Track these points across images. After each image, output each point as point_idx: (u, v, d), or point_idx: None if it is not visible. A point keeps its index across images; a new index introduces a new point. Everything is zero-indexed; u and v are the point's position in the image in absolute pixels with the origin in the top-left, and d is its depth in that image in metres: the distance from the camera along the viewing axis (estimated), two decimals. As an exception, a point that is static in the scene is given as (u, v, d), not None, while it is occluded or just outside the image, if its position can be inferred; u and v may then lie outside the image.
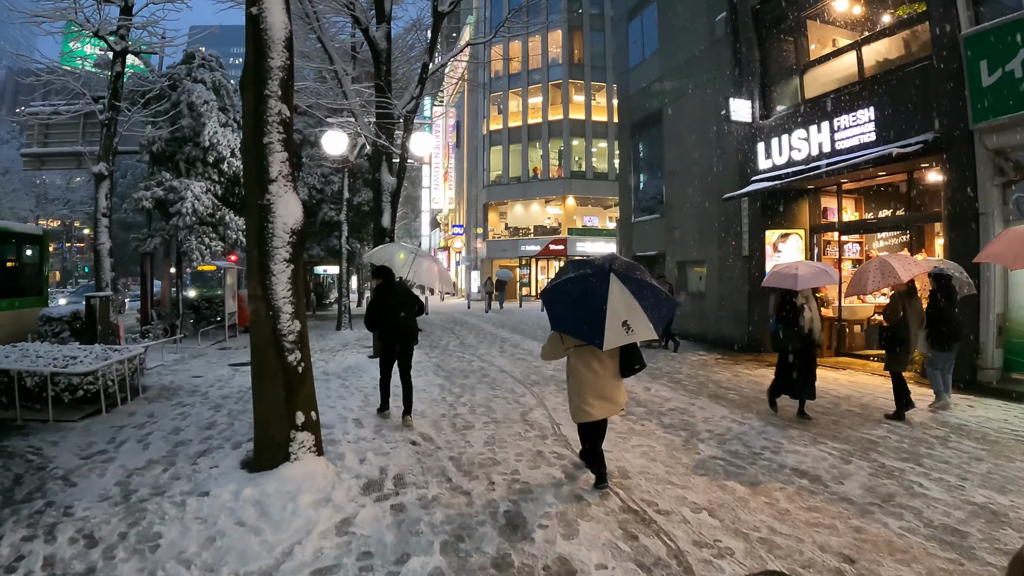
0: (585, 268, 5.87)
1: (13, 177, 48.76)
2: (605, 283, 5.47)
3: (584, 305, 5.49)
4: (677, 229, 20.79)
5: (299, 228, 6.17)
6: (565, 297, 5.74)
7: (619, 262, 5.82)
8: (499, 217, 51.43)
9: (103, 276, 16.41)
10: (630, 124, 24.92)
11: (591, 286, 5.55)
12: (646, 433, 8.21)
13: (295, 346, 6.06)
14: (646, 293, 5.52)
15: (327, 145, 16.54)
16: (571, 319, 5.64)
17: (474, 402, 10.06)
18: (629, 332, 5.25)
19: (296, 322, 6.07)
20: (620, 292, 5.42)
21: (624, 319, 5.27)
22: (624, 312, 5.31)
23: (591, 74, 48.29)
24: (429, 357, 15.39)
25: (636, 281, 5.59)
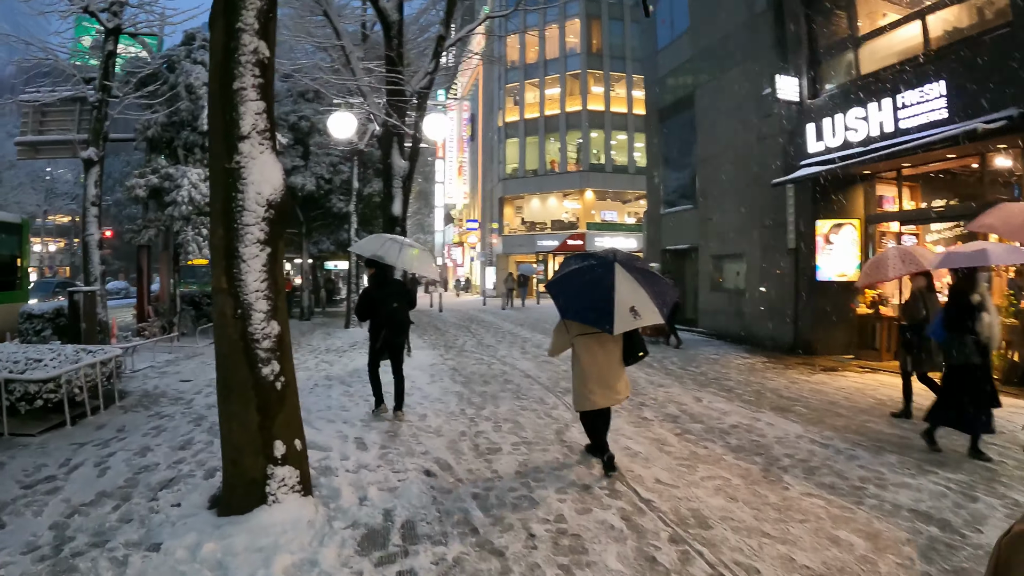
0: (590, 259, 6.15)
1: (19, 171, 47.68)
2: (611, 272, 5.68)
3: (592, 293, 5.67)
4: (712, 220, 19.23)
5: (278, 200, 4.70)
6: (572, 287, 5.96)
7: (621, 254, 6.08)
8: (515, 212, 49.91)
9: (92, 269, 15.06)
10: (657, 110, 23.37)
11: (597, 275, 5.75)
12: (713, 459, 6.69)
13: (271, 355, 4.60)
14: (650, 280, 5.81)
15: (333, 128, 15.11)
16: (579, 307, 5.82)
17: (498, 416, 8.55)
18: (637, 317, 5.48)
19: (273, 323, 4.61)
20: (626, 280, 5.65)
21: (632, 305, 5.50)
22: (631, 298, 5.54)
23: (610, 64, 46.71)
24: (445, 359, 13.92)
25: (639, 270, 5.87)
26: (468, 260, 62.52)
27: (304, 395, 9.85)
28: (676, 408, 9.07)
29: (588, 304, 5.71)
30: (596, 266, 5.90)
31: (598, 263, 5.93)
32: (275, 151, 4.80)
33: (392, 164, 13.39)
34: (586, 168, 45.54)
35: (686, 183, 21.45)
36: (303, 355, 14.70)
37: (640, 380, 11.29)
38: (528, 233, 47.41)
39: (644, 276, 5.83)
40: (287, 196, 4.78)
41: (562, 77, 47.10)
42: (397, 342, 8.45)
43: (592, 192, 45.95)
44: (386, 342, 8.36)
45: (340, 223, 25.25)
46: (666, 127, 22.97)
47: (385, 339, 8.33)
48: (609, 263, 5.81)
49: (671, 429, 7.88)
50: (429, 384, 10.78)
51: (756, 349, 15.72)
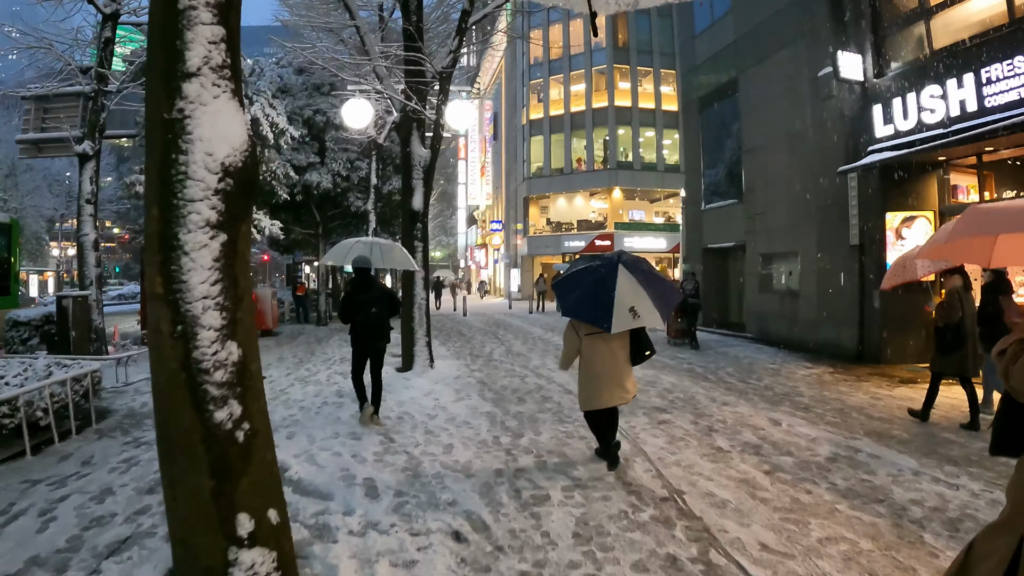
0: (595, 260, 6.25)
1: (36, 174, 46.87)
2: (614, 273, 5.79)
3: (594, 292, 5.79)
4: (761, 215, 17.62)
5: (239, 165, 3.22)
6: (576, 286, 6.04)
7: (627, 256, 6.16)
8: (540, 212, 48.28)
9: (87, 272, 13.82)
10: (697, 98, 21.77)
11: (601, 275, 5.87)
12: (824, 510, 5.14)
13: (227, 392, 3.12)
14: (653, 283, 5.89)
15: (348, 117, 13.70)
16: (581, 305, 5.92)
17: (540, 446, 7.03)
18: (636, 318, 5.62)
19: (229, 346, 3.13)
20: (628, 281, 5.76)
21: (631, 305, 5.63)
22: (631, 299, 5.66)
23: (637, 59, 45.01)
24: (471, 371, 12.44)
25: (644, 272, 5.95)
26: (492, 262, 61.04)
27: (309, 416, 8.45)
28: (753, 434, 7.52)
29: (590, 303, 5.81)
30: (601, 266, 6.01)
31: (603, 264, 6.04)
32: (239, 99, 3.33)
33: (412, 153, 11.94)
34: (613, 166, 43.86)
35: (730, 176, 19.85)
36: (315, 365, 13.31)
37: (699, 396, 9.76)
38: (554, 234, 45.79)
39: (647, 279, 5.91)
40: (252, 160, 3.29)
41: (588, 72, 45.48)
42: (375, 347, 8.19)
43: (620, 191, 44.28)
44: (363, 346, 8.13)
45: (358, 223, 23.90)
46: (706, 117, 21.37)
47: (362, 343, 8.11)
48: (613, 264, 5.92)
49: (756, 464, 6.33)
50: (455, 402, 9.30)
51: (816, 357, 14.09)
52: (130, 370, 12.49)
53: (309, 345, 17.29)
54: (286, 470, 6.06)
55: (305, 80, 23.45)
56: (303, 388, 10.64)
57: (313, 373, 12.26)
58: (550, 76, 47.07)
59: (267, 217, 17.06)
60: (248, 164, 3.25)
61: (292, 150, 21.69)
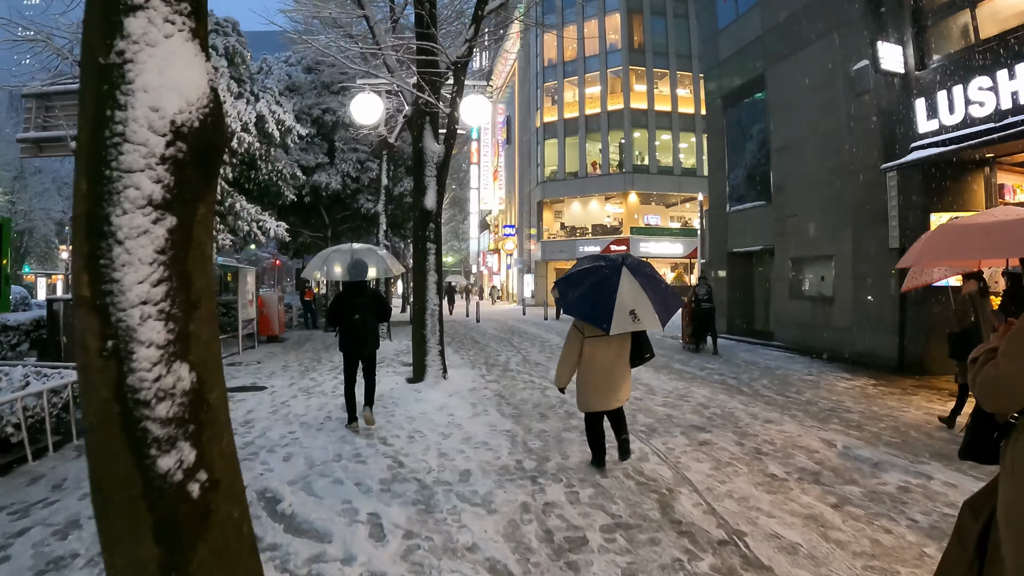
0: (599, 261, 6.25)
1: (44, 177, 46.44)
2: (617, 274, 5.82)
3: (596, 293, 5.79)
4: (791, 218, 16.74)
5: (197, 125, 2.40)
6: (578, 286, 6.01)
7: (631, 258, 6.17)
8: (554, 216, 47.48)
9: (81, 276, 13.09)
10: (720, 96, 20.91)
11: (603, 276, 5.88)
12: (915, 556, 4.24)
13: (177, 432, 2.29)
14: (655, 287, 5.90)
15: (356, 112, 12.92)
16: (582, 305, 5.85)
17: (571, 473, 6.15)
18: (636, 321, 5.62)
19: (179, 368, 2.30)
20: (630, 284, 5.76)
21: (632, 308, 5.62)
22: (632, 302, 5.65)
23: (652, 60, 44.24)
24: (487, 382, 11.63)
25: (646, 276, 5.97)
26: (504, 267, 60.25)
27: (311, 434, 7.65)
28: (807, 458, 6.66)
29: (591, 303, 5.78)
30: (604, 267, 6.01)
31: (607, 265, 6.05)
32: (201, 42, 2.52)
33: (424, 149, 11.15)
34: (629, 170, 43.06)
35: (757, 176, 18.98)
36: (321, 374, 12.54)
37: (738, 412, 8.90)
38: (568, 239, 44.98)
39: (650, 282, 5.92)
40: (215, 119, 2.47)
41: (602, 74, 44.73)
42: (362, 352, 8.05)
43: (636, 194, 43.44)
44: (351, 352, 8.02)
45: (369, 225, 23.18)
46: (731, 115, 20.51)
47: (350, 348, 7.99)
48: (617, 266, 5.95)
49: (820, 496, 5.47)
50: (471, 419, 8.47)
51: (854, 368, 13.20)
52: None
53: (316, 352, 16.53)
54: (279, 501, 5.27)
55: (314, 79, 22.76)
56: (306, 400, 9.85)
57: (318, 383, 11.48)
58: (564, 78, 46.43)
59: (272, 218, 16.29)
60: (208, 124, 2.44)
61: (300, 150, 21.00)
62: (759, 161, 18.87)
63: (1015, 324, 2.50)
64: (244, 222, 15.42)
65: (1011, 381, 2.46)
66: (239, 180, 16.36)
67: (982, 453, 2.82)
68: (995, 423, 2.73)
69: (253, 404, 9.61)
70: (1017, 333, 2.46)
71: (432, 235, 11.02)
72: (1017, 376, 2.44)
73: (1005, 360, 2.49)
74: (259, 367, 13.87)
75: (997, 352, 2.54)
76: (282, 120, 16.41)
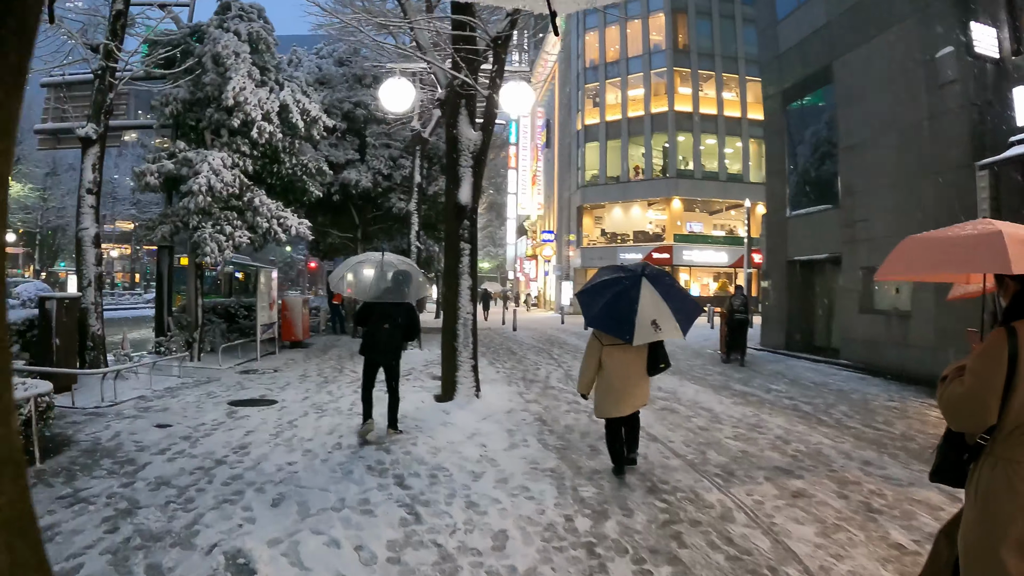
0: (619, 272, 6.39)
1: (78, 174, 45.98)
2: (638, 285, 5.91)
3: (617, 304, 5.87)
4: (862, 222, 15.12)
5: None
6: (600, 298, 6.08)
7: (650, 268, 6.28)
8: (594, 222, 45.86)
9: (85, 271, 12.06)
10: (780, 91, 19.32)
11: (624, 288, 5.97)
12: None
13: None
14: (674, 297, 6.02)
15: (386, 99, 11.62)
16: (604, 316, 5.98)
17: (636, 538, 4.68)
18: (658, 331, 5.72)
19: None
20: (651, 294, 5.86)
21: (653, 318, 5.72)
22: (653, 312, 5.76)
23: (698, 62, 42.57)
24: (526, 401, 10.23)
25: (666, 285, 6.09)
26: (542, 274, 58.84)
27: (313, 467, 6.34)
28: (931, 517, 5.16)
29: (613, 314, 5.90)
30: (624, 279, 6.12)
31: (627, 276, 6.15)
32: None
33: (459, 136, 9.84)
34: (673, 174, 41.38)
35: (822, 177, 17.37)
36: (341, 387, 11.28)
37: (826, 450, 7.39)
38: (608, 245, 43.38)
39: (670, 292, 6.02)
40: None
41: (646, 76, 43.16)
42: (382, 361, 7.76)
43: (680, 200, 41.78)
44: (373, 359, 7.75)
45: (400, 226, 21.89)
46: (792, 112, 18.95)
47: (370, 354, 7.74)
48: (637, 277, 6.03)
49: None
50: (508, 451, 7.09)
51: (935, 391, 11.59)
52: (121, 386, 10.62)
53: (340, 360, 15.31)
54: (252, 574, 3.95)
55: (345, 71, 21.63)
56: (317, 420, 8.56)
57: (335, 398, 10.20)
58: (606, 79, 44.99)
59: (295, 215, 15.08)
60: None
61: (330, 146, 19.86)
62: (824, 161, 17.28)
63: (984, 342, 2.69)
64: (263, 218, 14.20)
65: (975, 399, 2.63)
66: (260, 174, 15.19)
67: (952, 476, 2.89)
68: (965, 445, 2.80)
69: (256, 422, 8.37)
70: (985, 351, 2.65)
71: (467, 233, 9.69)
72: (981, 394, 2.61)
73: (971, 377, 2.66)
74: (275, 376, 12.67)
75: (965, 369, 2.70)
76: (307, 110, 15.22)
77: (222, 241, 13.44)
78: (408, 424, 8.23)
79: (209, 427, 8.12)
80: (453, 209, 9.73)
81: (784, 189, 18.88)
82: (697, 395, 11.10)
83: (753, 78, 43.20)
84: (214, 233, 13.38)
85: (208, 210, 13.44)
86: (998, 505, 2.60)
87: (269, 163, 15.30)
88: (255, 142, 14.40)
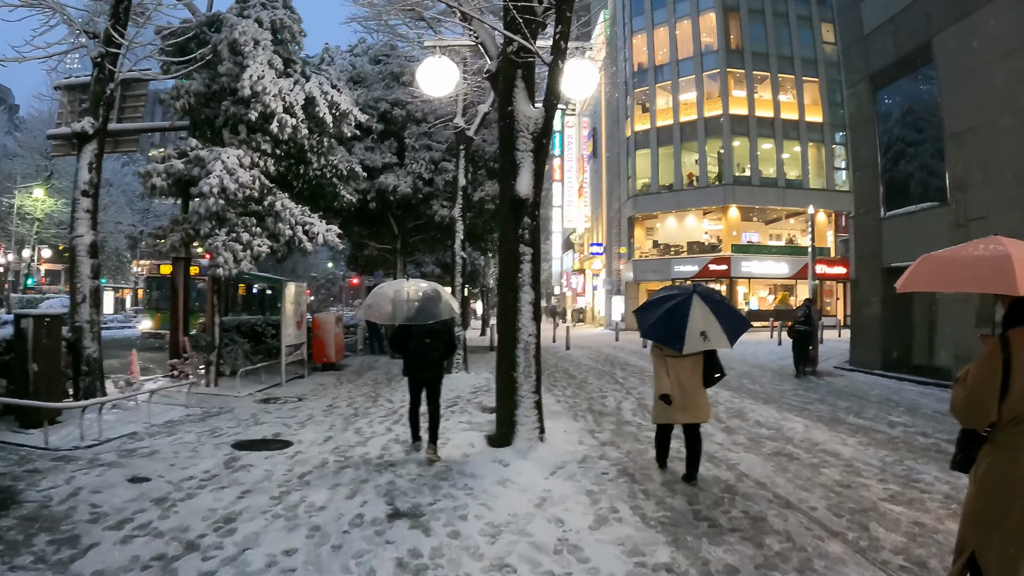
0: (673, 290, 6.78)
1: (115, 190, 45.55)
2: (689, 300, 6.27)
3: (670, 317, 6.29)
4: (978, 220, 12.83)
5: None
6: (655, 312, 6.49)
7: (701, 287, 6.67)
8: (646, 233, 43.47)
9: (80, 285, 10.36)
10: (868, 76, 17.08)
11: (678, 303, 6.34)
12: None
13: None
14: (723, 311, 6.39)
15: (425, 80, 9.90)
16: (658, 328, 6.41)
17: None
18: (706, 341, 6.11)
19: None
20: (701, 308, 6.21)
21: (703, 330, 6.10)
22: (703, 324, 6.12)
23: (752, 62, 40.23)
24: (599, 442, 8.21)
25: (715, 301, 6.47)
26: (590, 289, 56.64)
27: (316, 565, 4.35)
28: None
29: (665, 326, 6.31)
30: (678, 295, 6.49)
31: (680, 293, 6.54)
32: None
33: (516, 113, 7.91)
34: (729, 181, 38.96)
35: (925, 171, 15.11)
36: (372, 422, 9.46)
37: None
38: (661, 257, 40.98)
39: (719, 307, 6.37)
40: None
41: (698, 79, 40.88)
42: (425, 376, 7.61)
43: (737, 208, 39.36)
44: (415, 377, 7.66)
45: (444, 236, 20.03)
46: (883, 98, 16.70)
47: (413, 373, 7.65)
48: (689, 294, 6.40)
49: None
50: (594, 531, 5.03)
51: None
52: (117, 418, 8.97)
53: (375, 386, 13.49)
54: None
55: (381, 69, 19.94)
56: (338, 474, 6.65)
57: (363, 438, 8.33)
58: (656, 83, 42.78)
59: (323, 221, 13.31)
60: None
61: (366, 149, 18.15)
62: (927, 152, 15.02)
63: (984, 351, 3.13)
64: (286, 225, 12.43)
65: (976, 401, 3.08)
66: (284, 176, 13.48)
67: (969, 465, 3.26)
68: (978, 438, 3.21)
69: (258, 476, 6.52)
70: (983, 359, 3.09)
71: (527, 234, 7.77)
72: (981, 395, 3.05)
73: (972, 381, 3.10)
74: (297, 407, 10.88)
75: None
76: (336, 103, 13.49)
77: (238, 250, 11.71)
78: (455, 477, 6.35)
79: (197, 483, 6.29)
80: (510, 204, 7.80)
81: (876, 187, 16.56)
82: (808, 432, 8.96)
83: (810, 78, 40.95)
84: (229, 241, 11.66)
85: (222, 215, 11.73)
86: (993, 483, 3.09)
87: (295, 164, 13.60)
88: (277, 139, 12.73)
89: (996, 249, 3.24)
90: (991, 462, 3.08)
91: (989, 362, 3.01)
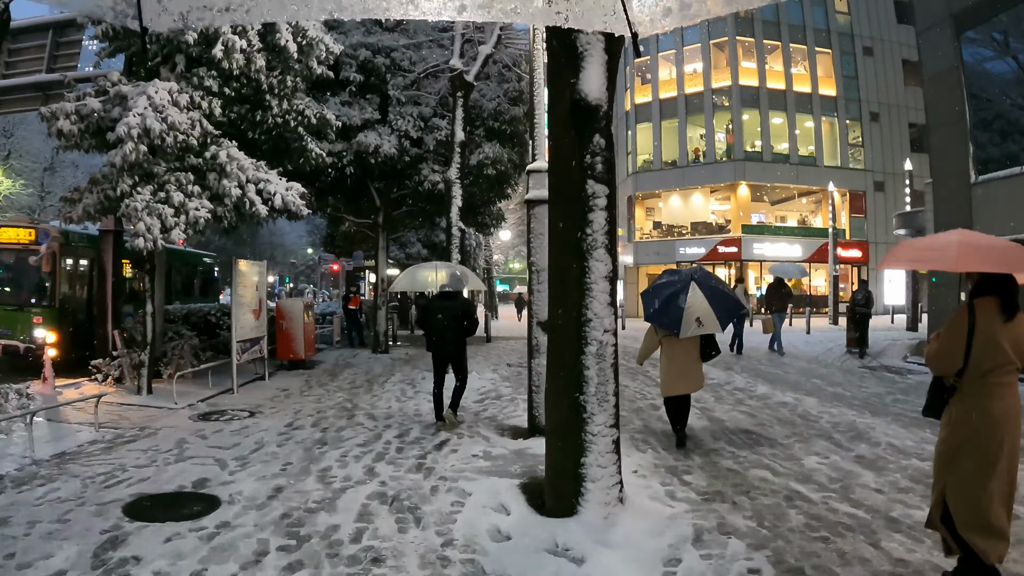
0: (672, 276, 7.68)
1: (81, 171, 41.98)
2: (687, 288, 6.92)
3: (669, 303, 6.93)
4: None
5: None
6: (657, 298, 7.10)
7: (700, 272, 7.38)
8: (646, 214, 40.69)
9: None
10: (950, 16, 14.17)
11: (677, 290, 6.99)
12: None
13: None
14: (717, 297, 7.01)
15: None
16: (659, 313, 7.04)
17: None
18: (700, 326, 6.77)
19: None
20: (697, 295, 6.85)
21: (697, 316, 6.75)
22: (698, 311, 6.77)
23: (762, 30, 37.37)
24: (702, 497, 5.36)
25: (711, 287, 7.09)
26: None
27: None
28: None
29: (665, 311, 6.94)
30: (677, 282, 7.17)
31: (679, 279, 7.23)
32: None
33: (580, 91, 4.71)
34: (740, 157, 36.11)
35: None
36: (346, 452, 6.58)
37: None
38: (664, 239, 38.16)
39: (714, 293, 7.00)
40: None
41: (704, 47, 37.91)
42: (444, 352, 8.07)
43: (747, 186, 36.51)
44: (437, 353, 8.08)
45: (434, 210, 17.03)
46: (970, 43, 13.84)
47: (435, 350, 8.08)
48: (687, 280, 7.07)
49: None
50: None
51: None
52: None
53: (352, 391, 10.63)
54: None
55: (363, 10, 16.85)
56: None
57: (333, 491, 5.42)
58: (658, 53, 39.70)
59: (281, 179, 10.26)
60: None
61: (343, 104, 15.01)
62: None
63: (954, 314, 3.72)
64: (233, 182, 9.36)
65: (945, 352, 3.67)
66: (237, 124, 10.45)
67: (937, 411, 3.82)
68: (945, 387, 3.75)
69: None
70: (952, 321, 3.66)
71: (600, 164, 4.68)
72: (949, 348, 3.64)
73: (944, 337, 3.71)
74: (245, 427, 7.98)
75: None
76: (302, 28, 10.47)
77: (168, 215, 8.68)
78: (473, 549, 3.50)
79: None
80: (568, 114, 4.76)
81: (963, 147, 13.67)
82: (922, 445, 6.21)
83: (823, 49, 38.18)
84: (154, 203, 8.62)
85: (147, 168, 8.71)
86: (960, 426, 3.64)
87: (251, 110, 10.57)
88: (226, 75, 9.72)
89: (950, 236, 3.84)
90: (958, 410, 3.67)
91: (958, 323, 3.62)
